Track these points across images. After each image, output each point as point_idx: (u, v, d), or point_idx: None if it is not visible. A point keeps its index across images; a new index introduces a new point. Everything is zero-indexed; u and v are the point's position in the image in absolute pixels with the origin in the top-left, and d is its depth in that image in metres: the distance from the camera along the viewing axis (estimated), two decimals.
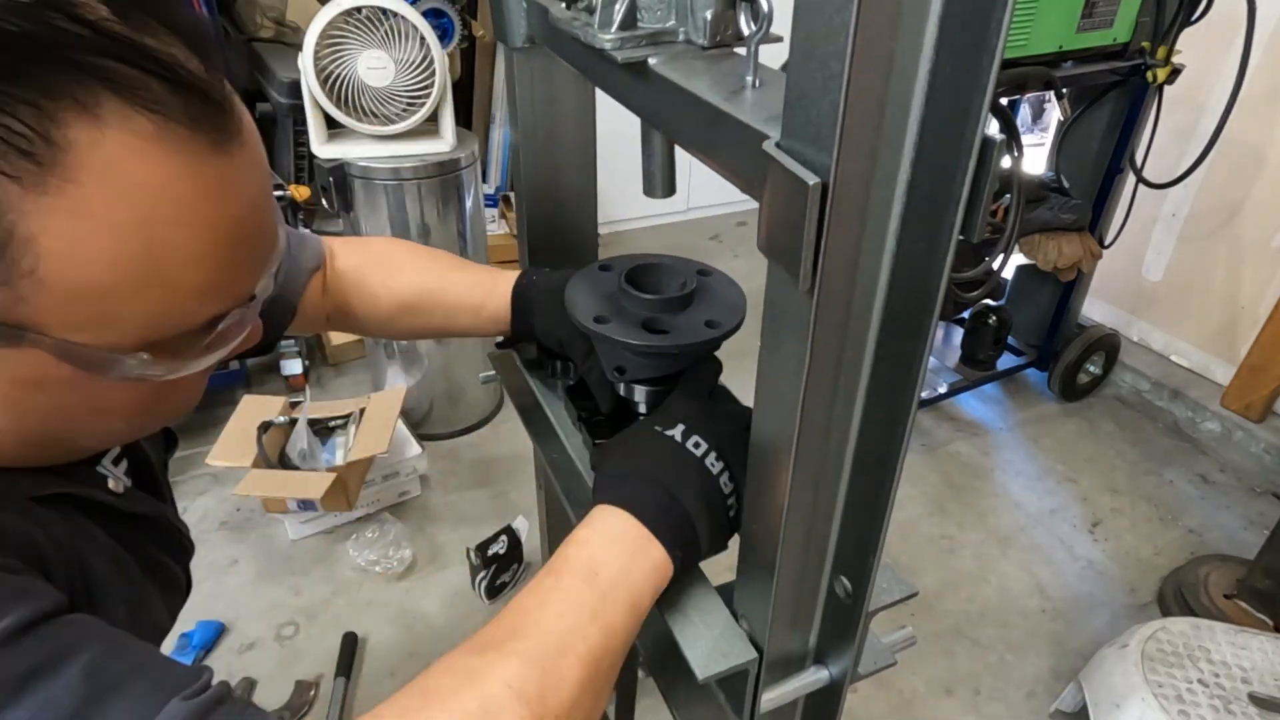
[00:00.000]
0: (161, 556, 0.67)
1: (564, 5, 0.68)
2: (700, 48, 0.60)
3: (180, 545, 0.72)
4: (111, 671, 0.40)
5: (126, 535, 0.60)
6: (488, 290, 0.89)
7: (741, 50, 0.58)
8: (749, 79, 0.53)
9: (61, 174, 0.36)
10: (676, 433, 0.62)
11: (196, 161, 0.40)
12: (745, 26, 0.56)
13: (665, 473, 0.60)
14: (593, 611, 0.52)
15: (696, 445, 0.62)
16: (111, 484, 0.60)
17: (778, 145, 0.43)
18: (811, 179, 0.40)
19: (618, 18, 0.60)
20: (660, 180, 0.78)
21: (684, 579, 0.70)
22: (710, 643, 0.62)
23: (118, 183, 0.38)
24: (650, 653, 0.74)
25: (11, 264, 0.37)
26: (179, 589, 0.71)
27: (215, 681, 0.43)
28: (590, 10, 0.63)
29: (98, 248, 0.39)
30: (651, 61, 0.59)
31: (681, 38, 0.61)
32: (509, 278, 0.90)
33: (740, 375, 0.81)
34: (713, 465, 0.61)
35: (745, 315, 0.82)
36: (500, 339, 0.99)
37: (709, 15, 0.58)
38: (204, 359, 0.48)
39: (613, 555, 0.55)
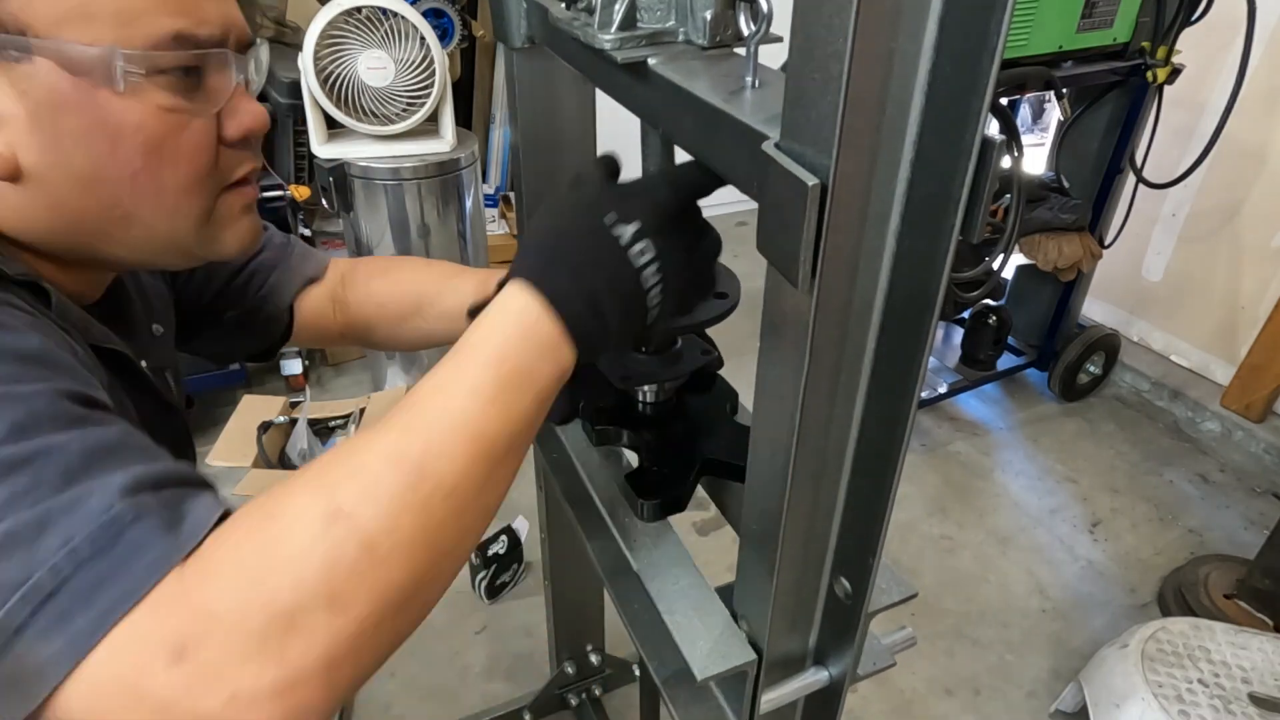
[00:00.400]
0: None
1: (564, 5, 0.68)
2: (700, 48, 0.60)
3: (189, 453, 0.75)
4: (139, 439, 0.46)
5: (151, 419, 0.63)
6: (483, 290, 0.89)
7: (741, 51, 0.58)
8: (748, 79, 0.53)
9: None
10: (625, 233, 0.54)
11: None
12: (745, 27, 0.56)
13: (596, 277, 0.53)
14: (490, 398, 0.49)
15: (641, 253, 0.55)
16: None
17: (777, 146, 0.43)
18: (811, 180, 0.40)
19: (617, 18, 0.60)
20: None
21: (683, 580, 0.70)
22: (710, 644, 0.62)
23: None
24: (650, 653, 0.74)
25: None
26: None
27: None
28: (590, 10, 0.63)
29: None
30: (651, 62, 0.59)
31: (681, 38, 0.61)
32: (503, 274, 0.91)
33: (740, 376, 0.81)
34: (649, 278, 0.55)
35: (740, 284, 0.83)
36: None
37: (709, 15, 0.58)
38: (193, 95, 0.56)
39: (522, 349, 0.51)
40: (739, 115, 0.49)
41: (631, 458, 0.87)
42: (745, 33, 0.56)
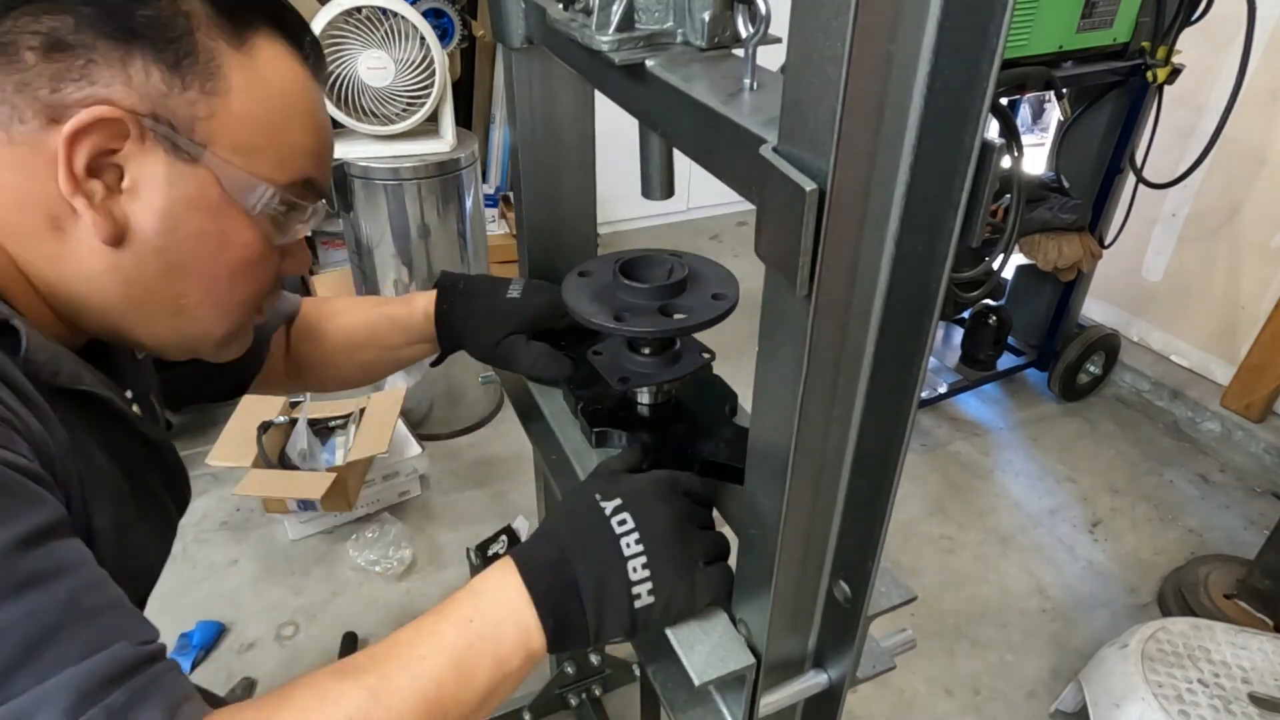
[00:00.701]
0: (161, 492, 0.71)
1: (561, 6, 0.68)
2: (698, 49, 0.60)
3: (180, 483, 0.76)
4: (88, 600, 0.47)
5: (132, 456, 0.65)
6: (408, 315, 0.97)
7: (739, 52, 0.58)
8: (746, 81, 0.52)
9: (248, 49, 0.59)
10: (610, 505, 0.61)
11: (308, 74, 0.64)
12: (743, 28, 0.56)
13: (574, 542, 0.60)
14: (455, 660, 0.54)
15: (622, 523, 0.60)
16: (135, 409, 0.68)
17: (775, 150, 0.43)
18: (809, 185, 0.40)
19: (615, 19, 0.60)
20: (659, 182, 0.78)
21: None
22: (708, 648, 0.62)
23: (274, 63, 0.61)
24: (648, 657, 0.74)
25: (213, 89, 0.57)
26: (169, 530, 0.74)
27: (168, 656, 0.49)
28: (588, 11, 0.62)
29: (260, 95, 0.59)
30: (649, 63, 0.59)
31: (679, 39, 0.61)
32: (429, 297, 0.97)
33: (740, 376, 0.81)
34: (629, 547, 0.59)
35: (738, 285, 0.83)
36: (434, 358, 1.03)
37: (707, 17, 0.58)
38: (291, 227, 0.65)
39: (491, 610, 0.57)
40: (737, 118, 0.49)
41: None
42: (743, 34, 0.56)
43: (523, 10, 0.83)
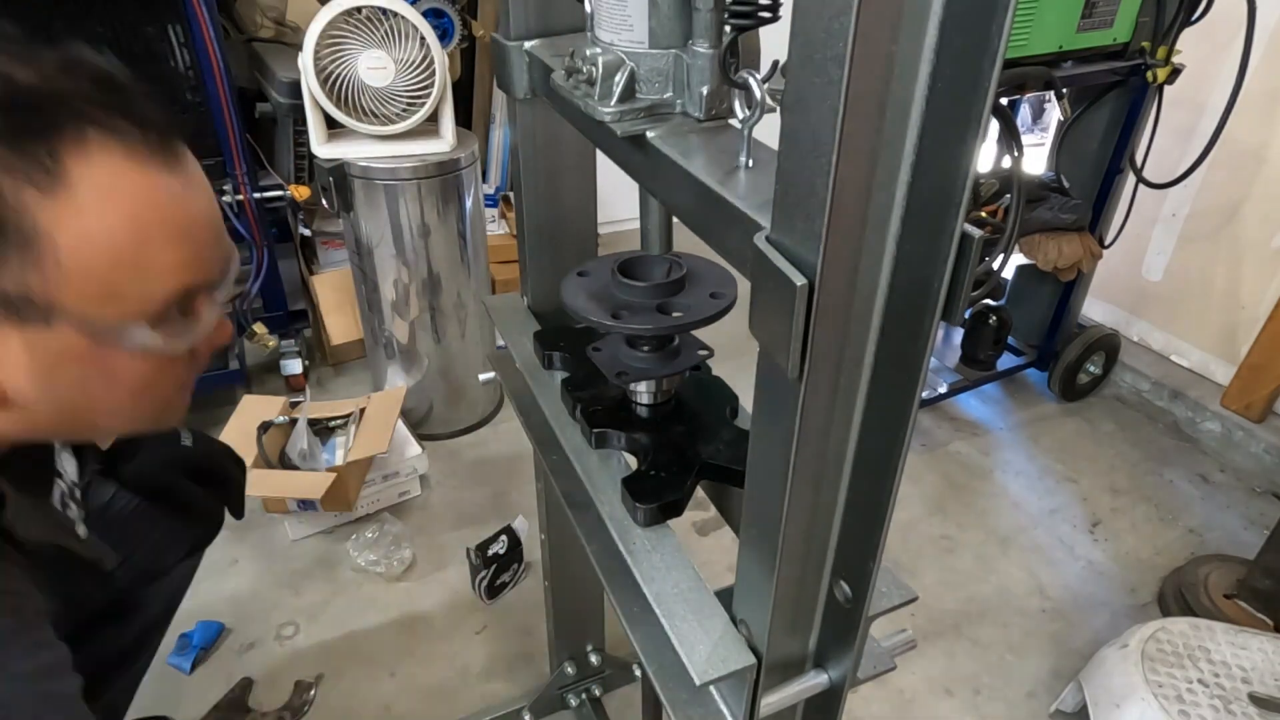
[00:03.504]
0: (106, 625, 0.73)
1: (565, 74, 0.69)
2: (696, 119, 0.62)
3: (130, 607, 0.76)
4: None
5: (75, 587, 0.68)
6: None
7: (736, 121, 0.60)
8: (743, 159, 0.55)
9: (63, 184, 0.50)
10: None
11: (153, 171, 0.55)
12: (740, 111, 0.58)
13: None
14: None
15: None
16: (80, 531, 0.70)
17: (768, 240, 0.45)
18: (799, 280, 0.42)
19: (618, 90, 0.62)
20: (658, 238, 0.81)
21: (683, 584, 0.70)
22: (709, 648, 0.62)
23: (101, 187, 0.52)
24: (649, 657, 0.74)
25: (38, 254, 0.51)
26: (129, 659, 0.74)
27: None
28: (590, 81, 0.64)
29: (95, 234, 0.52)
30: (650, 134, 0.61)
31: (678, 109, 0.63)
32: None
33: (741, 378, 0.81)
34: None
35: (736, 284, 0.83)
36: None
37: (705, 91, 0.60)
38: (187, 334, 0.61)
39: None
40: (733, 199, 0.51)
41: (631, 460, 0.87)
42: (740, 116, 0.58)
43: (526, 63, 0.84)
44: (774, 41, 0.56)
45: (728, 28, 0.58)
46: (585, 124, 0.71)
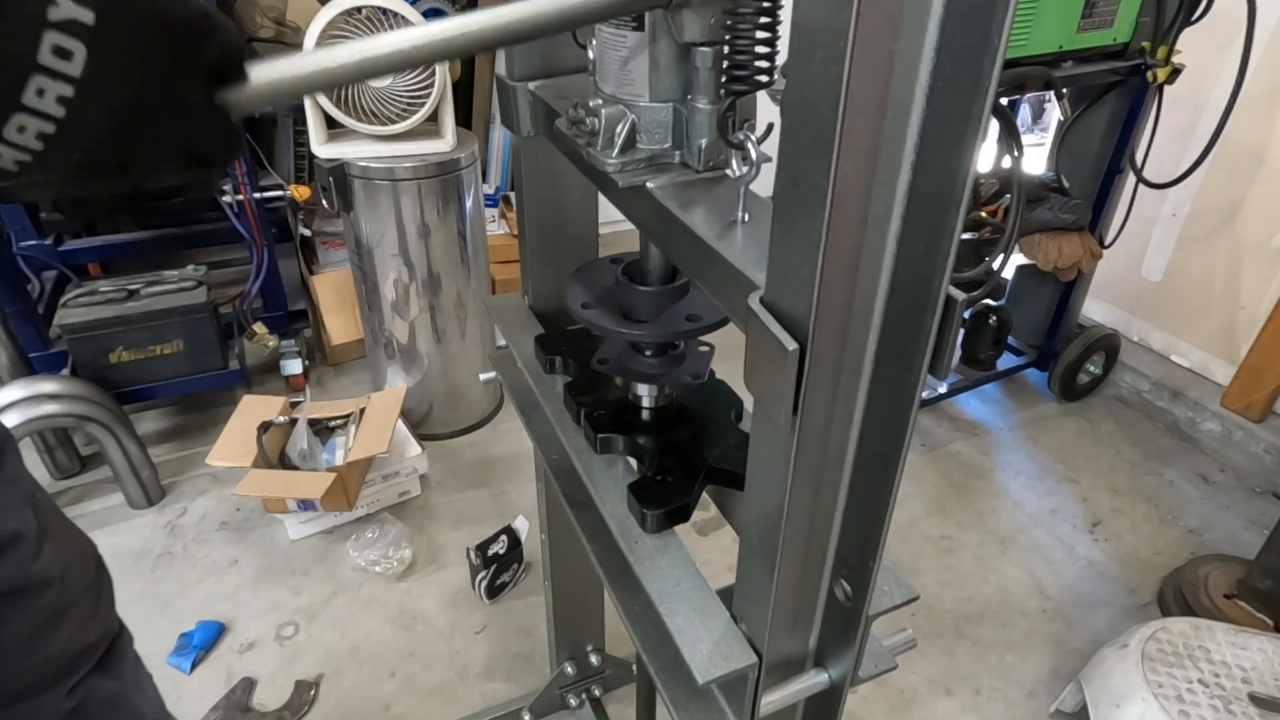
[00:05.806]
0: None
1: (568, 122, 0.70)
2: (695, 170, 0.64)
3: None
4: None
5: None
6: None
7: (731, 172, 0.62)
8: (739, 214, 0.57)
9: None
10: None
11: None
12: (736, 168, 0.59)
13: None
14: None
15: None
16: None
17: (762, 302, 0.47)
18: (791, 345, 0.44)
19: (619, 141, 0.64)
20: (657, 272, 0.82)
21: (684, 583, 0.70)
22: (710, 646, 0.62)
23: None
24: (651, 655, 0.74)
25: None
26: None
27: None
28: (593, 132, 0.65)
29: None
30: (650, 185, 0.63)
31: (678, 159, 0.65)
32: None
33: (738, 376, 0.81)
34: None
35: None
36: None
37: (703, 144, 0.63)
38: None
39: None
40: (729, 256, 0.53)
41: (633, 461, 0.87)
42: (736, 174, 0.59)
43: (529, 102, 0.85)
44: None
45: (723, 90, 0.60)
46: (588, 169, 0.73)
